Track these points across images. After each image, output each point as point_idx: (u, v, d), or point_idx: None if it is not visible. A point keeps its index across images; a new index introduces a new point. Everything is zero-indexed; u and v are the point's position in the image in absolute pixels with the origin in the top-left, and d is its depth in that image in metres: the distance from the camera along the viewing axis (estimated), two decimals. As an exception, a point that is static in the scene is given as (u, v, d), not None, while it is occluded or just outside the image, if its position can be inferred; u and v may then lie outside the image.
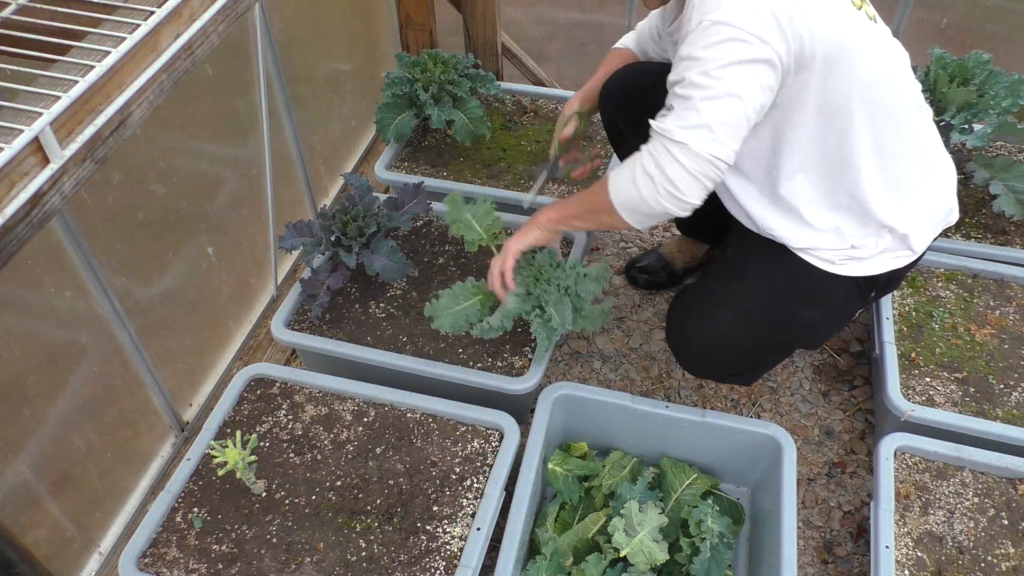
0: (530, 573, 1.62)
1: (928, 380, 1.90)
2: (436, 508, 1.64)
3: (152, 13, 1.29)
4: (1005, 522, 1.67)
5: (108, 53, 1.20)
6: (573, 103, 1.97)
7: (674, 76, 1.42)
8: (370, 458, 1.73)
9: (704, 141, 1.37)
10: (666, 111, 1.43)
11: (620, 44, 2.05)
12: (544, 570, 1.63)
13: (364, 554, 1.58)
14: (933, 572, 1.60)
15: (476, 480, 1.69)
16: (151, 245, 1.83)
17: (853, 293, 1.69)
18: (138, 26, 1.26)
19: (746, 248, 1.72)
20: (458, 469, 1.71)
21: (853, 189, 1.57)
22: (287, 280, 2.45)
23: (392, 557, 1.57)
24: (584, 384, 2.00)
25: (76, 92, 1.13)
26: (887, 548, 1.59)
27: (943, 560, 1.62)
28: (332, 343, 1.93)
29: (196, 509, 1.64)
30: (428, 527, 1.62)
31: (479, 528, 1.60)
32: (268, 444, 1.75)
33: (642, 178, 1.44)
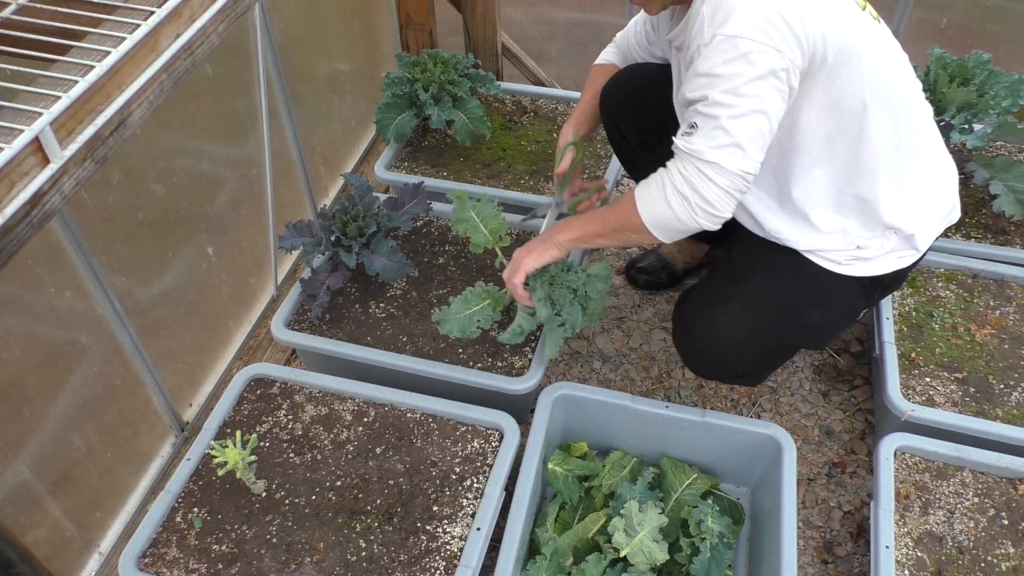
0: (530, 573, 1.63)
1: (928, 380, 1.90)
2: (436, 508, 1.64)
3: (152, 13, 1.29)
4: (1005, 522, 1.67)
5: (108, 53, 1.20)
6: (567, 134, 1.93)
7: (694, 93, 1.41)
8: (370, 458, 1.73)
9: (735, 159, 1.39)
10: (690, 129, 1.42)
11: (602, 60, 2.03)
12: (544, 570, 1.63)
13: (364, 554, 1.58)
14: (933, 572, 1.60)
15: (476, 480, 1.69)
16: (151, 245, 1.83)
17: (859, 293, 1.69)
18: (138, 26, 1.26)
19: (751, 250, 1.72)
20: (458, 469, 1.71)
21: (861, 190, 1.57)
22: (287, 280, 2.45)
23: (392, 557, 1.57)
24: (584, 384, 2.00)
25: (76, 92, 1.13)
26: (887, 548, 1.59)
27: (943, 560, 1.62)
28: (332, 343, 1.93)
29: (196, 509, 1.64)
30: (428, 527, 1.62)
31: (479, 528, 1.60)
32: (268, 444, 1.75)
33: (675, 198, 1.45)
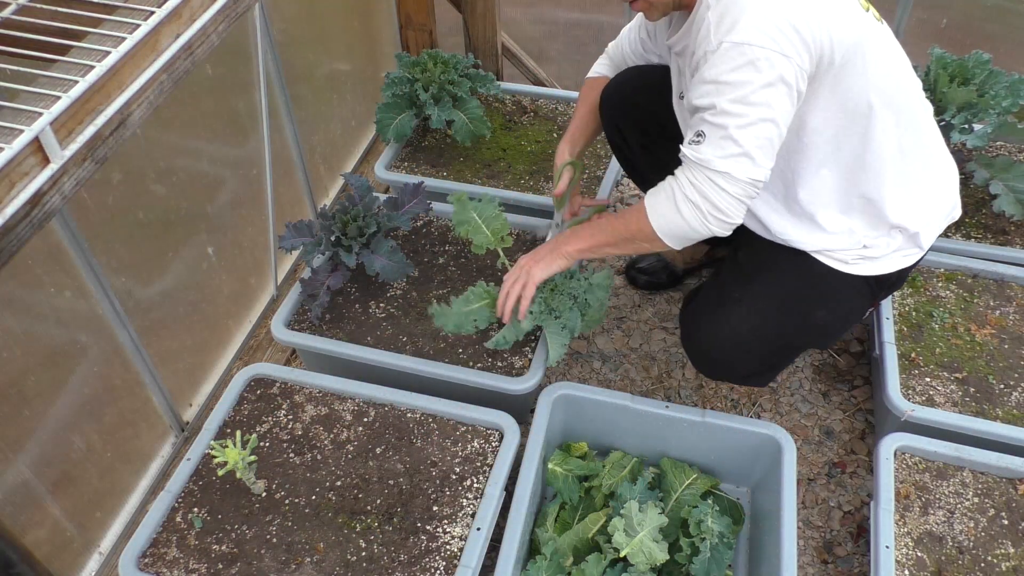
0: (530, 573, 1.63)
1: (928, 380, 1.90)
2: (436, 508, 1.64)
3: (152, 13, 1.29)
4: (1005, 522, 1.67)
5: (108, 53, 1.20)
6: (563, 152, 1.92)
7: (701, 100, 1.40)
8: (370, 458, 1.73)
9: (745, 168, 1.39)
10: (697, 138, 1.42)
11: (595, 73, 2.02)
12: (544, 570, 1.63)
13: (364, 554, 1.58)
14: (933, 572, 1.60)
15: (476, 480, 1.69)
16: (151, 245, 1.83)
17: (865, 293, 1.70)
18: (138, 26, 1.26)
19: (758, 251, 1.72)
20: (458, 469, 1.71)
21: (867, 189, 1.58)
22: (287, 280, 2.45)
23: (392, 557, 1.57)
24: (584, 384, 2.00)
25: (76, 92, 1.13)
26: (887, 548, 1.59)
27: (943, 560, 1.62)
28: (332, 343, 1.93)
29: (196, 509, 1.64)
30: (428, 527, 1.62)
31: (479, 528, 1.60)
32: (268, 444, 1.75)
33: (686, 207, 1.45)
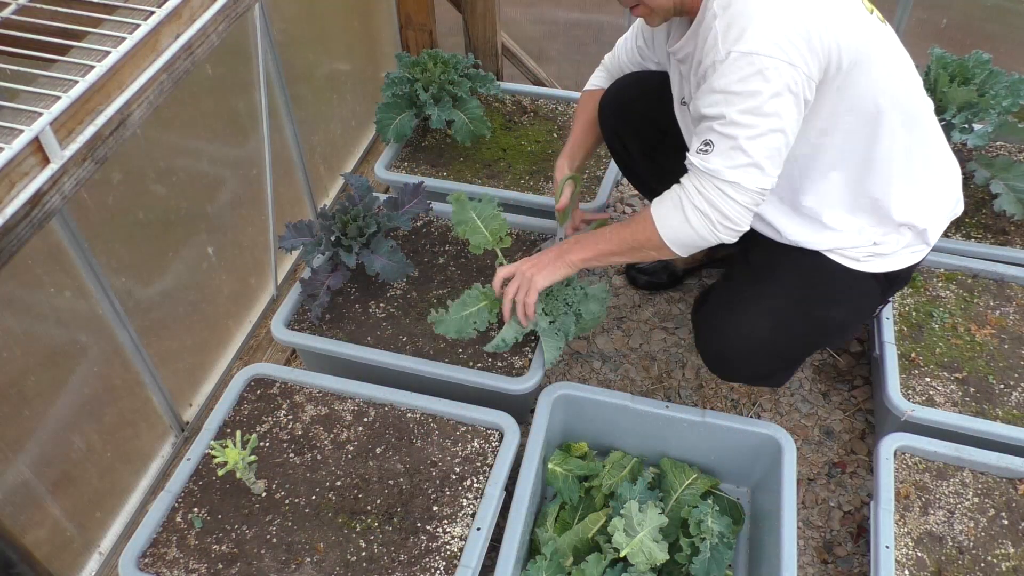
0: (530, 573, 1.63)
1: (928, 380, 1.90)
2: (436, 508, 1.64)
3: (152, 13, 1.29)
4: (1005, 522, 1.67)
5: (108, 53, 1.20)
6: (562, 167, 1.92)
7: (710, 110, 1.40)
8: (370, 458, 1.73)
9: (754, 178, 1.40)
10: (706, 147, 1.42)
11: (592, 86, 2.03)
12: (544, 570, 1.63)
13: (364, 554, 1.58)
14: (933, 572, 1.60)
15: (476, 480, 1.69)
16: (151, 245, 1.83)
17: (875, 290, 1.71)
18: (138, 26, 1.26)
19: (769, 251, 1.72)
20: (458, 469, 1.71)
21: (874, 190, 1.58)
22: (287, 280, 2.45)
23: (392, 557, 1.57)
24: (584, 384, 2.00)
25: (76, 92, 1.13)
26: (887, 548, 1.59)
27: (943, 560, 1.62)
28: (332, 343, 1.93)
29: (196, 509, 1.64)
30: (428, 527, 1.62)
31: (479, 528, 1.60)
32: (268, 444, 1.75)
33: (695, 216, 1.46)
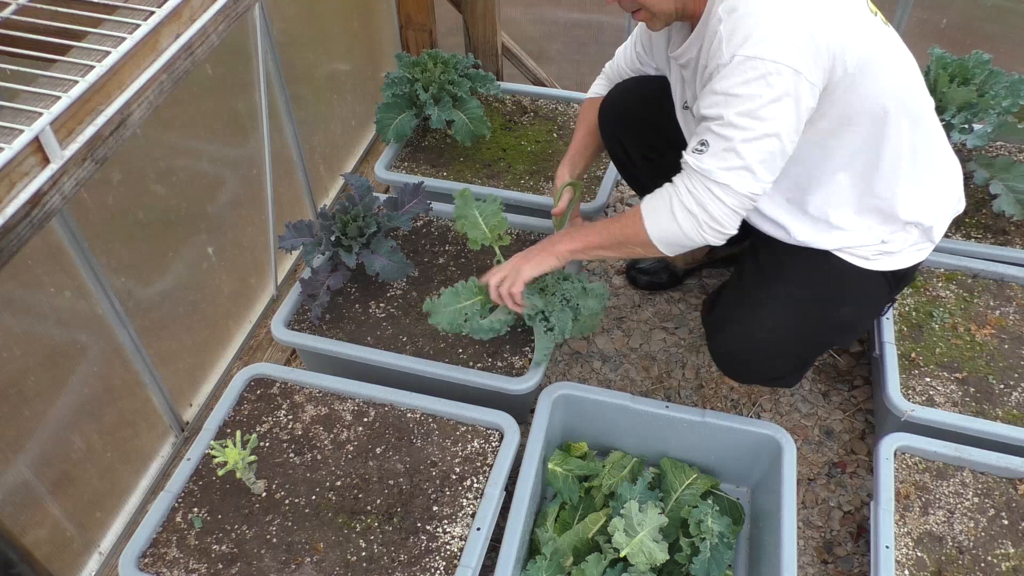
0: (530, 573, 1.62)
1: (928, 380, 1.90)
2: (436, 508, 1.64)
3: (152, 13, 1.29)
4: (1005, 522, 1.67)
5: (108, 53, 1.20)
6: (563, 174, 1.93)
7: (709, 111, 1.40)
8: (370, 458, 1.73)
9: (745, 182, 1.40)
10: (700, 147, 1.42)
11: (593, 94, 2.03)
12: (544, 570, 1.63)
13: (364, 554, 1.58)
14: (933, 572, 1.60)
15: (476, 480, 1.69)
16: (151, 245, 1.83)
17: (884, 288, 1.71)
18: (138, 26, 1.26)
19: (778, 251, 1.72)
20: (458, 469, 1.71)
21: (881, 190, 1.58)
22: (287, 280, 2.45)
23: (392, 557, 1.57)
24: (584, 384, 2.00)
25: (76, 92, 1.13)
26: (887, 548, 1.59)
27: (943, 560, 1.62)
28: (332, 343, 1.93)
29: (196, 509, 1.64)
30: (428, 527, 1.62)
31: (479, 528, 1.60)
32: (268, 444, 1.75)
33: (683, 215, 1.46)
